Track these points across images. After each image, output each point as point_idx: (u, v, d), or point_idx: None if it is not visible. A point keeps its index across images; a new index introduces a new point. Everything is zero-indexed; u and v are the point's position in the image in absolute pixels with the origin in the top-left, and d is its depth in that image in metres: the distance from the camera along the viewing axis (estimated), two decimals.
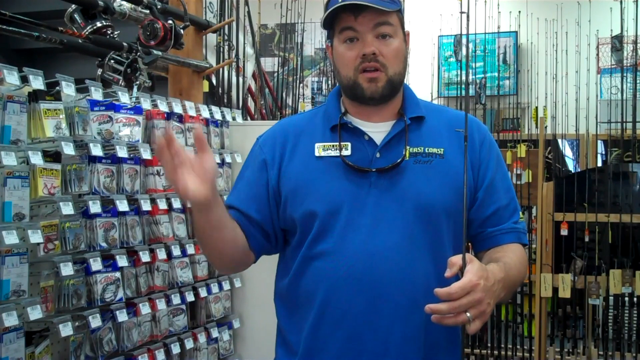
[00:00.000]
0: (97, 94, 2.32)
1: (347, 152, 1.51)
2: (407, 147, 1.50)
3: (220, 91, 3.91)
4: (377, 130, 1.53)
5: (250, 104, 4.45)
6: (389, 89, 1.50)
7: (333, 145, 1.52)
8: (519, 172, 4.40)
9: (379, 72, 1.48)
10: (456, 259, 1.31)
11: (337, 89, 1.63)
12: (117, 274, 2.34)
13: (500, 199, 1.55)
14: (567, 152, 5.12)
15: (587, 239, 3.96)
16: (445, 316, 1.28)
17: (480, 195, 1.54)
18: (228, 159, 3.04)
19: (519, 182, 4.33)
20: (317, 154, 1.53)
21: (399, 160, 1.48)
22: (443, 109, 1.68)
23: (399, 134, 1.52)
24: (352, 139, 1.53)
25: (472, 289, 1.26)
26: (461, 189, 1.49)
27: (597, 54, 5.72)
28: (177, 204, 2.66)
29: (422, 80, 5.59)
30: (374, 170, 1.48)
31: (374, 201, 1.47)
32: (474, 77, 5.34)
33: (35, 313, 1.97)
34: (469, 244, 1.62)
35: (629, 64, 4.87)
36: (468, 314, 1.27)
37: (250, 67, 4.31)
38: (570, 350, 4.25)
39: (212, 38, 3.67)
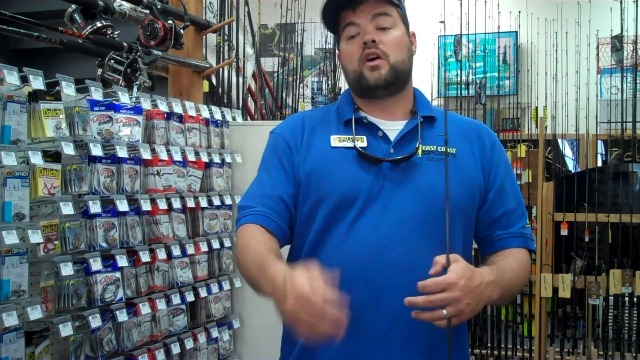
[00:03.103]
0: (97, 94, 2.32)
1: (362, 144, 1.52)
2: (420, 145, 1.52)
3: (220, 91, 3.91)
4: (391, 128, 1.55)
5: (250, 104, 4.45)
6: (393, 76, 1.52)
7: (349, 138, 1.54)
8: (519, 172, 4.41)
9: (380, 59, 1.51)
10: (440, 258, 1.33)
11: (349, 89, 1.65)
12: (117, 274, 2.34)
13: (509, 202, 1.57)
14: (567, 152, 5.12)
15: (587, 239, 3.96)
16: (423, 312, 1.31)
17: (491, 197, 1.56)
18: (228, 159, 3.03)
19: (519, 182, 4.32)
20: (332, 144, 1.54)
21: (410, 153, 1.50)
22: (452, 114, 1.69)
23: (412, 131, 1.54)
24: (367, 134, 1.55)
25: (449, 286, 1.28)
26: (473, 187, 1.52)
27: (597, 54, 5.72)
28: (177, 204, 2.66)
29: (422, 80, 5.59)
30: (387, 160, 1.49)
31: (387, 194, 1.48)
32: (474, 77, 5.34)
33: (35, 313, 1.97)
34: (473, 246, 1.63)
35: (629, 64, 4.87)
36: (444, 312, 1.28)
37: (250, 67, 4.31)
38: (570, 350, 4.25)
39: (212, 38, 3.67)
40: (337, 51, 1.63)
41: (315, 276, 1.21)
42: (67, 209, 2.09)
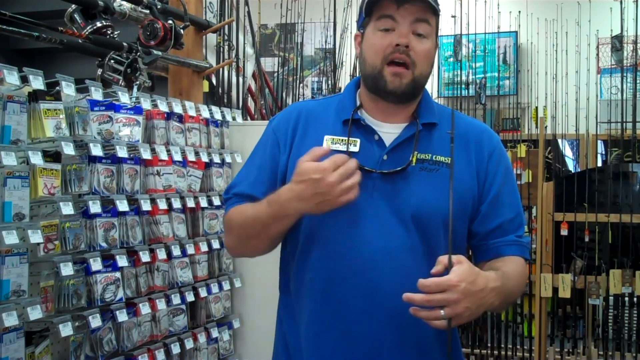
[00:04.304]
0: (97, 94, 2.32)
1: (355, 149, 1.48)
2: (415, 153, 1.48)
3: (220, 91, 3.91)
4: (388, 131, 1.51)
5: (250, 104, 4.46)
6: (412, 88, 1.47)
7: (342, 140, 1.49)
8: (519, 172, 4.41)
9: (405, 68, 1.45)
10: (443, 258, 1.31)
11: (355, 81, 1.60)
12: (117, 274, 2.34)
13: (505, 213, 1.52)
14: (567, 152, 5.12)
15: (587, 239, 3.96)
16: (421, 309, 1.29)
17: (484, 209, 1.51)
18: (228, 159, 3.04)
19: (519, 182, 4.33)
20: (324, 146, 1.49)
21: (402, 167, 1.46)
22: (457, 115, 1.62)
23: (409, 139, 1.49)
24: (362, 136, 1.50)
25: (449, 288, 1.26)
26: (464, 200, 1.48)
27: (597, 54, 5.72)
28: (177, 204, 2.67)
29: None
30: (378, 172, 1.46)
31: (375, 205, 1.45)
32: (474, 77, 5.34)
33: (35, 313, 1.97)
34: (469, 252, 1.61)
35: (629, 64, 4.87)
36: (442, 312, 1.27)
37: (250, 67, 4.31)
38: (570, 350, 4.25)
39: (212, 38, 3.68)
40: (359, 32, 1.54)
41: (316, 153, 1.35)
42: (67, 209, 2.09)
